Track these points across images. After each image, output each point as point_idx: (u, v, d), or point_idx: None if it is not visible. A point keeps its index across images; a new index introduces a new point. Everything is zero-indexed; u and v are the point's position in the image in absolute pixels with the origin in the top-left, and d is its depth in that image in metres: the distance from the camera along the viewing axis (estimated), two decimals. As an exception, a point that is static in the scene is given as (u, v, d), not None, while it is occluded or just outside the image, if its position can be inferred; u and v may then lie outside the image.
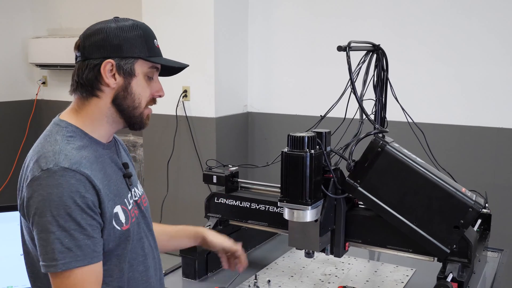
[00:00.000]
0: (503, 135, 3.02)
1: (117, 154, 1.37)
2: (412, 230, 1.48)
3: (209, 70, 3.47)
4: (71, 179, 1.15)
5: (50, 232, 1.13)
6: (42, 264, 1.16)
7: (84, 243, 1.15)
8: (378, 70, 1.67)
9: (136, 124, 1.32)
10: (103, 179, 1.23)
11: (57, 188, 1.13)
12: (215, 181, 1.89)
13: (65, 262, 1.13)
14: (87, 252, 1.16)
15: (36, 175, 1.16)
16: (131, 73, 1.26)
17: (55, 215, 1.13)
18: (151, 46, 1.29)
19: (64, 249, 1.13)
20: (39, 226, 1.15)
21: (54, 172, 1.14)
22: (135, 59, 1.26)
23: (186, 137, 3.62)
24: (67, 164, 1.16)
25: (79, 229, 1.15)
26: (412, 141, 1.76)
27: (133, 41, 1.26)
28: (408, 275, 1.81)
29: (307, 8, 3.54)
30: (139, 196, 1.39)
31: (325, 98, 1.75)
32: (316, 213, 1.51)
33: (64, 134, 1.23)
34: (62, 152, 1.18)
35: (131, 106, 1.28)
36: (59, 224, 1.13)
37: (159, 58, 1.31)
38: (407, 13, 3.22)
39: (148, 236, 1.39)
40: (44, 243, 1.14)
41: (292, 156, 1.47)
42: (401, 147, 1.54)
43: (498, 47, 2.99)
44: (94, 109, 1.28)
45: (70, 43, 4.35)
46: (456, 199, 1.43)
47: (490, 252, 1.99)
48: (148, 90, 1.30)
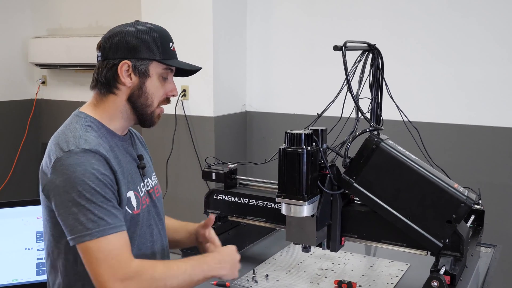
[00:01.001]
0: (498, 133, 3.06)
1: (132, 146, 1.47)
2: (406, 225, 1.52)
3: (208, 69, 3.51)
4: (91, 158, 1.24)
5: (80, 205, 1.22)
6: (75, 237, 1.23)
7: (113, 212, 1.25)
8: (373, 69, 1.71)
9: (147, 121, 1.41)
10: (117, 166, 1.32)
11: (79, 166, 1.23)
12: (214, 178, 1.93)
13: (99, 230, 1.22)
14: (117, 220, 1.26)
15: (59, 156, 1.25)
16: (145, 73, 1.36)
17: (81, 190, 1.21)
18: (166, 49, 1.38)
19: (96, 219, 1.22)
20: (68, 202, 1.23)
21: (75, 153, 1.24)
22: (150, 61, 1.36)
23: (185, 136, 3.65)
24: (87, 147, 1.26)
25: (106, 201, 1.24)
26: (408, 139, 1.80)
27: (149, 44, 1.35)
28: (403, 269, 1.85)
29: (305, 8, 3.57)
30: (151, 186, 1.48)
31: (322, 97, 1.79)
32: (312, 209, 1.55)
33: (83, 124, 1.33)
34: (82, 137, 1.28)
35: (144, 104, 1.38)
36: (87, 198, 1.22)
37: (173, 60, 1.40)
38: (404, 13, 3.25)
39: (158, 225, 1.47)
40: (75, 217, 1.22)
41: (289, 153, 1.51)
42: (395, 144, 1.58)
43: (494, 46, 3.03)
44: (111, 105, 1.38)
45: (69, 43, 4.39)
46: (449, 194, 1.47)
47: (484, 247, 2.03)
48: (161, 90, 1.40)
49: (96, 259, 1.22)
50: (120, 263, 1.23)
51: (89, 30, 4.42)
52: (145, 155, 1.53)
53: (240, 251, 2.02)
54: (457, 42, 3.12)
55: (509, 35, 2.98)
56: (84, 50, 4.19)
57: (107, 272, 1.21)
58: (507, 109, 3.03)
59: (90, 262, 1.23)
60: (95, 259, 1.22)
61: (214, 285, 1.73)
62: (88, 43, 4.18)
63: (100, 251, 1.22)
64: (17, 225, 1.88)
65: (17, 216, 1.88)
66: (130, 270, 1.23)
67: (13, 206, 1.88)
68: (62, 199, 1.23)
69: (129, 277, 1.23)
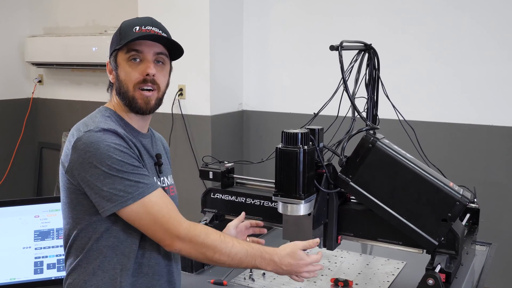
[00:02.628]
0: (493, 132, 3.08)
1: (152, 144, 1.52)
2: (402, 223, 1.54)
3: (204, 68, 3.52)
4: (112, 136, 1.32)
5: (113, 176, 1.29)
6: (116, 204, 1.30)
7: (146, 175, 1.35)
8: (369, 69, 1.73)
9: (134, 107, 1.45)
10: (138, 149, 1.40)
11: (101, 143, 1.30)
12: (211, 177, 1.94)
13: (139, 192, 1.31)
14: (151, 180, 1.35)
15: (79, 136, 1.32)
16: (116, 65, 1.46)
17: (110, 164, 1.29)
18: (126, 34, 1.42)
19: (133, 183, 1.30)
20: (99, 176, 1.29)
21: (95, 132, 1.32)
22: (114, 52, 1.44)
23: (182, 135, 3.66)
24: (106, 126, 1.33)
25: (136, 168, 1.32)
26: (403, 138, 1.81)
27: (113, 40, 1.47)
28: (399, 267, 1.87)
29: (301, 7, 3.58)
30: (167, 185, 1.53)
31: (319, 96, 1.80)
32: (309, 207, 1.56)
33: (103, 114, 1.43)
34: (101, 122, 1.36)
35: (122, 92, 1.44)
36: (117, 169, 1.29)
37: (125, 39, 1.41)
38: (400, 11, 3.26)
39: None
40: (112, 186, 1.29)
41: (286, 152, 1.52)
42: (391, 143, 1.59)
43: (489, 45, 3.04)
44: (116, 100, 1.49)
45: (66, 41, 4.39)
46: (444, 193, 1.49)
47: (479, 245, 2.05)
48: (134, 74, 1.43)
49: (149, 220, 1.32)
50: (170, 222, 1.33)
51: (86, 29, 4.42)
52: (164, 157, 1.58)
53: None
54: (453, 41, 3.13)
55: (506, 34, 3.00)
56: (80, 49, 4.18)
57: (161, 229, 1.33)
58: (502, 108, 3.05)
59: (143, 225, 1.33)
60: (147, 221, 1.32)
61: (212, 283, 1.74)
62: (84, 42, 4.18)
63: (150, 212, 1.31)
64: (15, 224, 1.88)
65: (15, 215, 1.88)
66: (181, 230, 1.33)
67: (11, 205, 1.89)
68: (91, 173, 1.30)
69: (181, 236, 1.33)
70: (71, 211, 1.39)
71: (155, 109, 1.49)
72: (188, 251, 1.37)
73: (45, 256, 1.91)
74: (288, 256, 1.44)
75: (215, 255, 1.38)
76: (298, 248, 1.46)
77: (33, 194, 4.66)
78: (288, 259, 1.44)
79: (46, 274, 1.90)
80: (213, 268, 1.87)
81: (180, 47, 1.48)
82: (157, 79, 1.45)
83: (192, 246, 1.36)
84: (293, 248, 1.46)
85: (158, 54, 1.45)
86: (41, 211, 1.91)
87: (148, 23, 1.44)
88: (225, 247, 1.38)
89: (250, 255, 1.41)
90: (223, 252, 1.38)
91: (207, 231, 1.39)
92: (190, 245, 1.36)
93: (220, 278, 1.76)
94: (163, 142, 1.64)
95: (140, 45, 1.42)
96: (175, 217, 1.35)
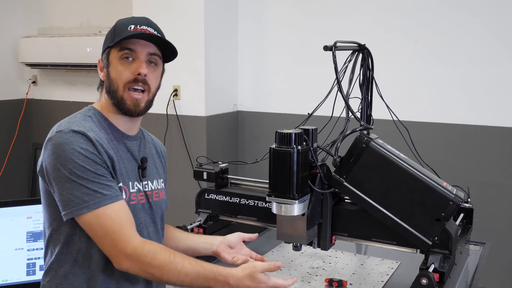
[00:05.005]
0: (487, 132, 3.09)
1: (139, 147, 1.49)
2: (395, 223, 1.54)
3: (199, 69, 3.51)
4: (80, 138, 1.30)
5: (73, 181, 1.27)
6: (71, 210, 1.27)
7: (108, 184, 1.30)
8: (363, 69, 1.73)
9: (122, 108, 1.43)
10: (114, 154, 1.37)
11: (67, 145, 1.28)
12: (206, 177, 1.93)
13: (95, 202, 1.27)
14: (112, 191, 1.31)
15: (50, 136, 1.32)
16: (107, 63, 1.42)
17: (71, 168, 1.26)
18: (120, 32, 1.40)
19: (91, 192, 1.27)
20: (61, 179, 1.28)
21: (65, 133, 1.30)
22: (107, 49, 1.42)
23: (177, 136, 3.65)
24: (76, 128, 1.31)
25: (98, 176, 1.29)
26: (398, 138, 1.81)
27: (106, 37, 1.45)
28: (393, 267, 1.87)
29: (297, 7, 3.58)
30: (151, 189, 1.50)
31: (314, 96, 1.80)
32: (303, 207, 1.56)
33: (84, 113, 1.41)
34: (76, 122, 1.34)
35: (112, 91, 1.42)
36: (78, 175, 1.27)
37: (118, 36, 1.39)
38: (395, 11, 3.27)
39: (148, 227, 1.47)
40: (70, 191, 1.27)
41: (280, 152, 1.51)
42: (385, 143, 1.59)
43: (483, 46, 3.05)
44: (105, 99, 1.46)
45: (60, 42, 4.37)
46: (437, 192, 1.49)
47: (473, 245, 2.05)
48: (125, 73, 1.41)
49: (100, 233, 1.29)
50: (120, 238, 1.29)
51: (80, 30, 4.40)
52: (155, 161, 1.56)
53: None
54: (447, 42, 3.14)
55: (500, 34, 3.01)
56: (75, 49, 4.17)
57: (110, 245, 1.29)
58: (496, 109, 3.07)
59: (95, 235, 1.30)
60: (98, 233, 1.29)
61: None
62: (79, 43, 4.17)
63: (101, 225, 1.28)
64: (8, 226, 1.88)
65: (8, 216, 1.87)
66: (129, 248, 1.29)
67: (4, 206, 1.88)
68: (55, 175, 1.29)
69: (128, 254, 1.29)
70: (45, 212, 1.39)
71: (145, 111, 1.46)
72: (136, 270, 1.31)
73: (37, 257, 1.90)
74: (246, 279, 1.34)
75: (164, 276, 1.31)
76: (258, 270, 1.36)
77: (27, 195, 4.64)
78: (246, 282, 1.34)
79: (39, 275, 1.89)
80: (207, 268, 1.87)
81: (174, 49, 1.46)
82: (148, 79, 1.42)
83: (139, 265, 1.30)
84: (252, 270, 1.35)
85: (151, 55, 1.44)
86: (34, 212, 1.90)
87: (144, 23, 1.42)
88: (174, 268, 1.31)
89: (202, 276, 1.32)
90: (171, 273, 1.31)
91: (155, 250, 1.32)
92: (137, 264, 1.29)
93: None
94: (156, 146, 1.61)
95: (133, 44, 1.40)
96: (126, 234, 1.29)
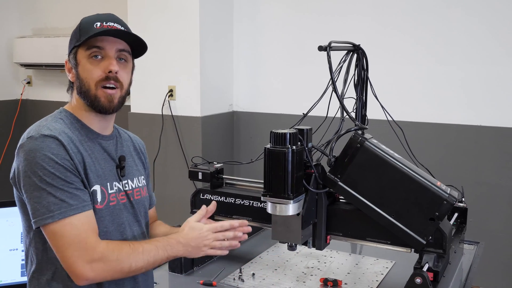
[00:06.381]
0: (481, 132, 3.10)
1: (116, 146, 1.47)
2: (390, 223, 1.54)
3: (194, 69, 3.51)
4: (51, 143, 1.27)
5: (41, 189, 1.24)
6: (37, 220, 1.25)
7: (75, 194, 1.28)
8: (358, 69, 1.73)
9: (96, 106, 1.40)
10: (88, 157, 1.35)
11: (38, 151, 1.26)
12: (201, 177, 1.93)
13: (61, 212, 1.25)
14: (79, 201, 1.28)
15: (21, 143, 1.30)
16: (76, 63, 1.40)
17: (41, 175, 1.24)
18: (86, 30, 1.38)
19: (58, 201, 1.25)
20: (30, 186, 1.26)
21: (35, 138, 1.28)
22: (74, 49, 1.40)
23: (172, 136, 3.65)
24: (47, 133, 1.29)
25: (67, 184, 1.27)
26: (392, 138, 1.82)
27: (72, 36, 1.42)
28: (388, 267, 1.88)
29: (292, 7, 3.59)
30: (131, 188, 1.48)
31: (309, 97, 1.80)
32: (298, 207, 1.56)
33: (55, 116, 1.39)
34: (46, 126, 1.32)
35: (84, 91, 1.39)
36: (47, 182, 1.24)
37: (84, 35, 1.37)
38: (392, 10, 3.28)
39: (132, 226, 1.46)
40: (37, 200, 1.25)
41: (275, 152, 1.52)
42: (379, 143, 1.60)
43: (478, 46, 3.07)
44: (75, 101, 1.43)
45: (55, 42, 4.36)
46: (431, 192, 1.49)
47: (467, 244, 2.06)
48: (96, 71, 1.38)
49: (62, 243, 1.26)
50: (86, 246, 1.26)
51: (75, 30, 4.39)
52: (134, 158, 1.53)
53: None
54: (442, 42, 3.16)
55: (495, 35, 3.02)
56: (70, 50, 4.16)
57: (74, 255, 1.25)
58: (490, 109, 3.08)
59: (57, 245, 1.27)
60: (61, 243, 1.26)
61: (201, 284, 1.73)
62: (74, 43, 4.15)
63: (65, 235, 1.25)
64: (2, 226, 1.87)
65: (2, 217, 1.87)
66: (96, 253, 1.27)
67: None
68: (25, 183, 1.27)
69: (96, 259, 1.27)
70: (22, 220, 1.36)
71: (119, 108, 1.44)
72: (104, 274, 1.29)
73: (33, 258, 1.89)
74: (190, 232, 1.43)
75: (132, 266, 1.32)
76: (193, 220, 1.48)
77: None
78: (190, 235, 1.43)
79: (34, 276, 1.88)
80: (203, 269, 1.87)
81: (144, 43, 1.44)
82: (120, 76, 1.40)
83: (108, 266, 1.28)
84: (188, 222, 1.47)
85: (121, 51, 1.40)
86: (29, 212, 1.89)
87: (110, 19, 1.40)
88: (137, 253, 1.33)
89: (161, 248, 1.37)
90: (137, 258, 1.32)
91: (117, 246, 1.32)
92: (106, 265, 1.28)
93: (210, 279, 1.76)
94: (134, 142, 1.58)
95: (101, 42, 1.37)
96: (92, 242, 1.28)
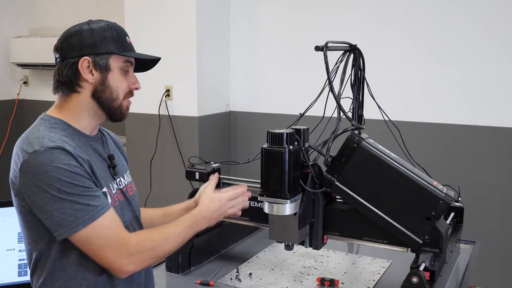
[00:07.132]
0: (478, 132, 3.11)
1: (103, 146, 1.46)
2: (387, 222, 1.55)
3: (191, 69, 3.51)
4: (59, 154, 1.24)
5: (63, 200, 1.23)
6: (66, 230, 1.24)
7: (96, 195, 1.28)
8: (355, 69, 1.74)
9: (117, 115, 1.41)
10: (91, 162, 1.33)
11: (49, 165, 1.23)
12: (198, 177, 1.93)
13: (90, 216, 1.25)
14: (101, 202, 1.29)
15: (25, 159, 1.24)
16: (107, 67, 1.36)
17: (59, 187, 1.22)
18: (123, 42, 1.39)
19: (83, 207, 1.25)
20: (49, 200, 1.23)
21: (41, 152, 1.24)
22: (109, 54, 1.36)
23: (169, 136, 3.65)
24: (52, 144, 1.25)
25: (86, 189, 1.26)
26: (389, 138, 1.82)
27: (106, 39, 1.36)
28: (385, 266, 1.88)
29: (289, 6, 3.59)
30: (125, 185, 1.49)
31: (306, 97, 1.81)
32: (295, 207, 1.57)
33: (46, 125, 1.33)
34: (45, 136, 1.28)
35: (110, 98, 1.38)
36: (68, 193, 1.23)
37: (131, 52, 1.41)
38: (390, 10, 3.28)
39: (133, 223, 1.47)
40: (62, 211, 1.23)
41: (272, 152, 1.52)
42: (376, 143, 1.60)
43: (475, 46, 3.07)
44: (76, 103, 1.38)
45: (52, 42, 4.26)
46: (428, 191, 1.50)
47: (463, 244, 2.07)
48: (125, 83, 1.40)
49: (98, 245, 1.27)
50: (120, 242, 1.29)
51: (72, 30, 4.38)
52: (118, 155, 1.53)
53: (224, 250, 2.04)
54: (439, 41, 3.16)
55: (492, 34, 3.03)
56: (66, 50, 4.15)
57: (112, 253, 1.28)
58: (486, 108, 3.09)
59: (93, 249, 1.28)
60: (97, 246, 1.27)
61: (198, 284, 1.74)
62: (70, 43, 4.14)
63: (98, 237, 1.27)
64: (-2, 227, 1.87)
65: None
66: (131, 246, 1.30)
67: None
68: (41, 198, 1.23)
69: (133, 252, 1.30)
70: (29, 232, 1.33)
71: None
72: (143, 264, 1.35)
73: (29, 258, 1.89)
74: (211, 205, 1.51)
75: (166, 250, 1.38)
76: (210, 192, 1.55)
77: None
78: (212, 207, 1.51)
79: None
80: (200, 268, 1.88)
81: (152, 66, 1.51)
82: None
83: (145, 257, 1.33)
84: (206, 195, 1.54)
85: None
86: (26, 212, 1.89)
87: (126, 34, 1.44)
88: (167, 238, 1.39)
89: (189, 227, 1.44)
90: (169, 242, 1.39)
91: (148, 235, 1.38)
92: (143, 256, 1.33)
93: (207, 278, 1.76)
94: (113, 138, 1.58)
95: (131, 59, 1.42)
96: (124, 236, 1.32)
